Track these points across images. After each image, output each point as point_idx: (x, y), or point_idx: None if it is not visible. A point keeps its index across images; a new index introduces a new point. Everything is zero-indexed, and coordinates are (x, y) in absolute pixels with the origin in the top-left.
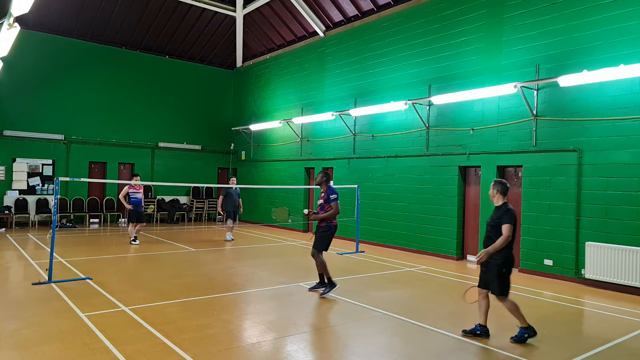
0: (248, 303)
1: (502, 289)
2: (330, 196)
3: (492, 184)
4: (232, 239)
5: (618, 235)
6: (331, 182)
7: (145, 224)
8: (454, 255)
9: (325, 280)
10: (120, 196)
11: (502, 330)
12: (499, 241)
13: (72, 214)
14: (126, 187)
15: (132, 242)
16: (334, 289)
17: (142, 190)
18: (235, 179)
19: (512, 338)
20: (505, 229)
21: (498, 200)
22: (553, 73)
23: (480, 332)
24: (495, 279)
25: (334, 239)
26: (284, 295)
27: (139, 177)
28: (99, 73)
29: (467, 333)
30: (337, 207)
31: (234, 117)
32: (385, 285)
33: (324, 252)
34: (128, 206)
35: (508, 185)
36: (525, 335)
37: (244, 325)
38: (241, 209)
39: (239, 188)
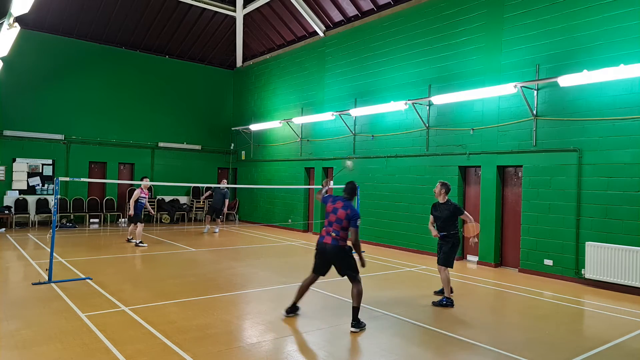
0: (248, 303)
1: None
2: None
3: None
4: (207, 232)
5: (618, 235)
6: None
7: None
8: None
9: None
10: (132, 200)
11: (503, 330)
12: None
13: (72, 214)
14: (138, 191)
15: (140, 244)
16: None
17: (147, 195)
18: (226, 180)
19: (433, 302)
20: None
21: (444, 198)
22: (553, 73)
23: (446, 303)
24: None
25: None
26: (284, 295)
27: (147, 179)
28: (99, 73)
29: (436, 304)
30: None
31: (234, 117)
32: (385, 285)
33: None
34: (131, 212)
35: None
36: (444, 302)
37: (244, 325)
38: (225, 209)
39: (226, 190)
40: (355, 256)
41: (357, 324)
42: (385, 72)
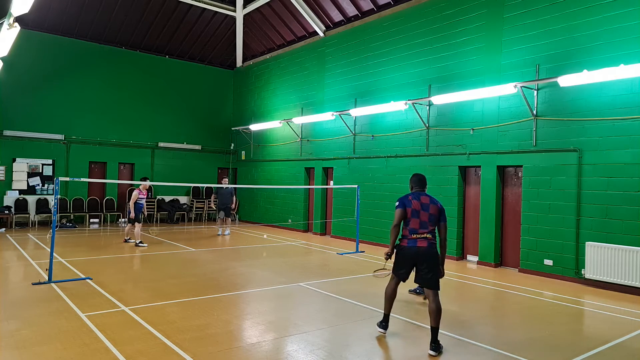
0: (248, 303)
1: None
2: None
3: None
4: (221, 234)
5: (618, 235)
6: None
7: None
8: (454, 256)
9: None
10: (131, 202)
11: (503, 330)
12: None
13: (72, 214)
14: (136, 192)
15: (140, 244)
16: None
17: (146, 196)
18: (227, 179)
19: (410, 290)
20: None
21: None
22: (553, 73)
23: (419, 291)
24: None
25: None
26: (284, 295)
27: (148, 180)
28: (99, 73)
29: (412, 291)
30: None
31: (234, 117)
32: (384, 285)
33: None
34: (132, 215)
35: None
36: (417, 291)
37: (244, 325)
38: (234, 206)
39: (232, 187)
40: None
41: (437, 347)
42: (385, 72)
